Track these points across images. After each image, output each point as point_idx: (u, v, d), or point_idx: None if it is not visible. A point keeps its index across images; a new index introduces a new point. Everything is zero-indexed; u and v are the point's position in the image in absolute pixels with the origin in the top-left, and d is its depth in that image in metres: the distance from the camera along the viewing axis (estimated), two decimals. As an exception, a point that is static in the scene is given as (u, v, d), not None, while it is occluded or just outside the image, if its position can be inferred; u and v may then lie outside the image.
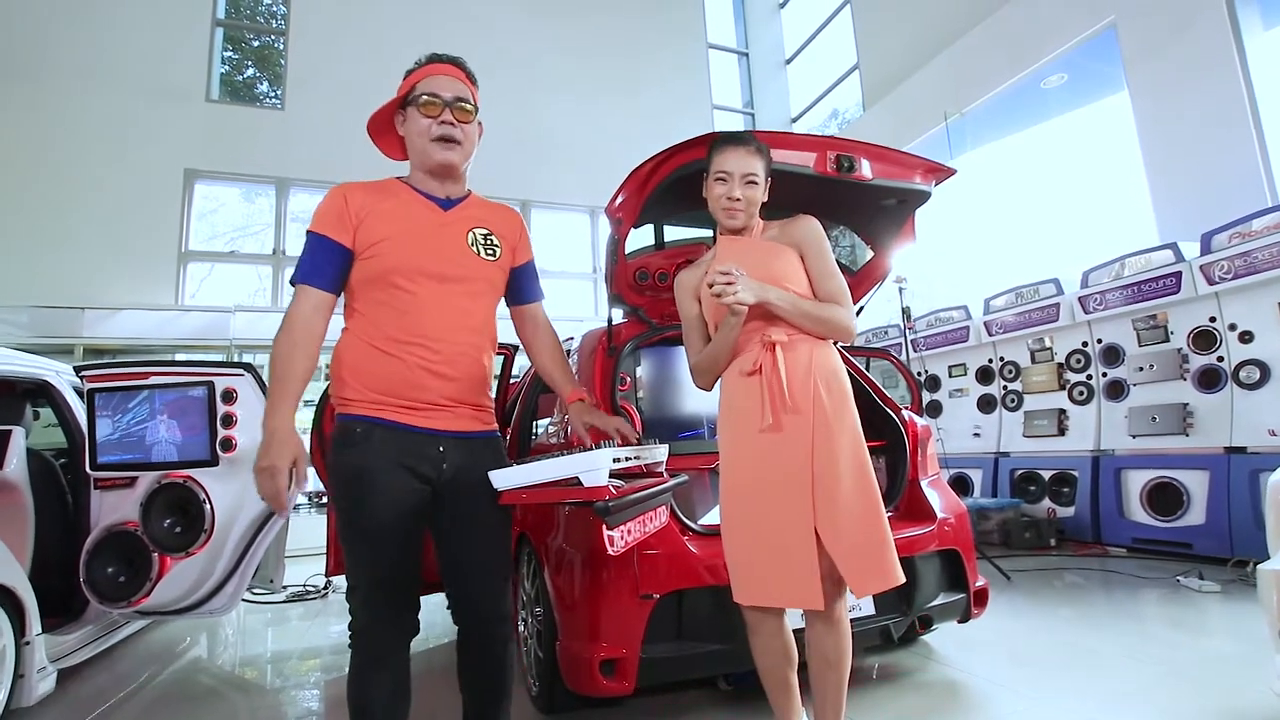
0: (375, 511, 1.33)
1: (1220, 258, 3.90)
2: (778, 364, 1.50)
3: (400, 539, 1.35)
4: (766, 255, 1.60)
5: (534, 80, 8.99)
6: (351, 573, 1.37)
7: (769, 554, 1.48)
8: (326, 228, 1.38)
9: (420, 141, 1.43)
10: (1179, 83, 4.88)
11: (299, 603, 4.25)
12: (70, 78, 7.23)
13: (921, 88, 7.34)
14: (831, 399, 1.52)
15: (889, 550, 1.47)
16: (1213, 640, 2.73)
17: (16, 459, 2.48)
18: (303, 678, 2.93)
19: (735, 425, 1.57)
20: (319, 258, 1.38)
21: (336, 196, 1.41)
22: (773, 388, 1.50)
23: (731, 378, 1.60)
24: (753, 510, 1.51)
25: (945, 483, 2.63)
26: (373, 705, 1.34)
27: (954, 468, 5.55)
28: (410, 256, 1.38)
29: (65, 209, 6.98)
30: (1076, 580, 3.79)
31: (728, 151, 1.60)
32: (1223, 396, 3.96)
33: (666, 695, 2.28)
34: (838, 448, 1.48)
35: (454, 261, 1.43)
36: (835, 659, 1.50)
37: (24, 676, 2.05)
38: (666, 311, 2.63)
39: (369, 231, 1.38)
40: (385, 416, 1.36)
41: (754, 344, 1.55)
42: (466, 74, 1.48)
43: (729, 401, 1.61)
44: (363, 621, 1.36)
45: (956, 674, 2.39)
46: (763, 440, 1.50)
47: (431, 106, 1.41)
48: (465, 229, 1.47)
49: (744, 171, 1.58)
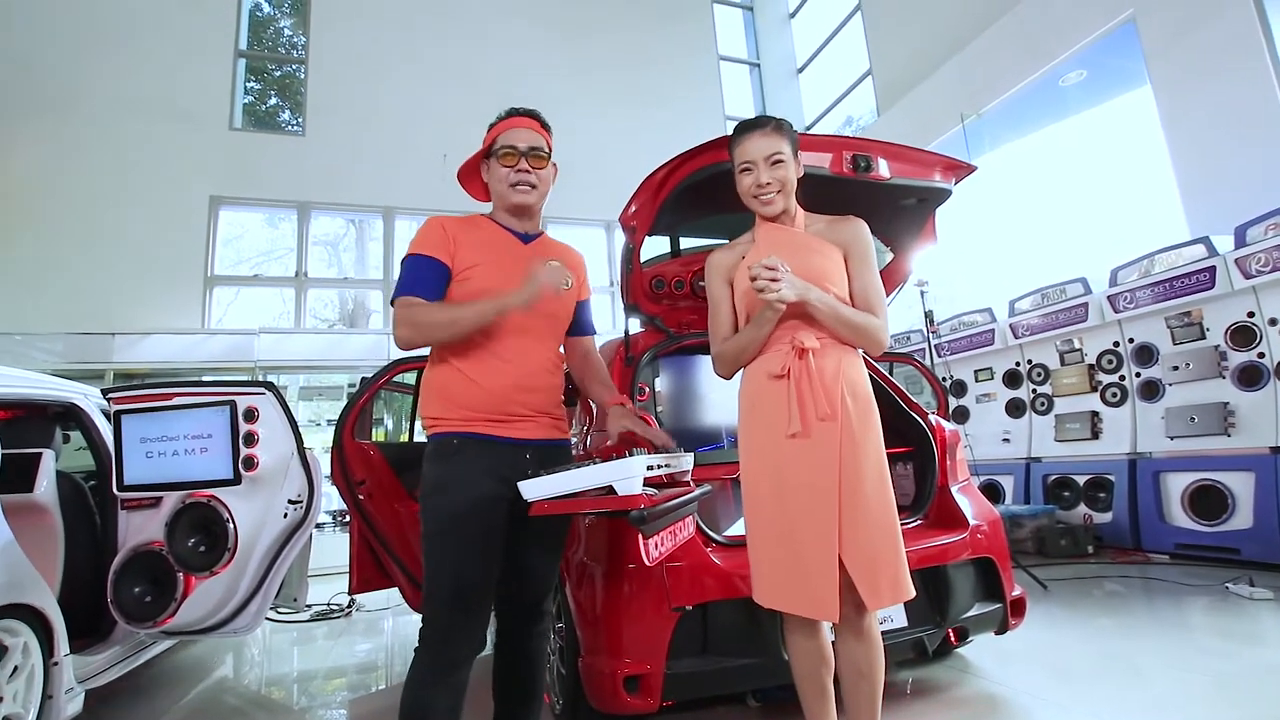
0: (465, 522, 1.43)
1: (1257, 250, 3.76)
2: (809, 369, 1.46)
3: (485, 550, 1.44)
4: (810, 250, 1.55)
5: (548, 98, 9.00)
6: (433, 580, 1.44)
7: (791, 561, 1.45)
8: (429, 249, 1.54)
9: (501, 186, 1.62)
10: (1204, 74, 4.76)
11: (323, 621, 4.26)
12: (99, 109, 7.49)
13: (936, 90, 7.27)
14: (858, 408, 1.48)
15: (903, 564, 1.45)
16: (1266, 650, 2.59)
17: (47, 481, 2.52)
18: (329, 697, 2.92)
19: (760, 429, 1.53)
20: (424, 274, 1.52)
21: (435, 225, 1.58)
22: (802, 393, 1.46)
23: (757, 379, 1.55)
24: (776, 516, 1.48)
25: (976, 489, 2.55)
26: (430, 716, 1.39)
27: (983, 474, 5.41)
28: (498, 282, 1.52)
29: (96, 237, 7.19)
30: (1117, 589, 3.64)
31: (745, 140, 1.57)
32: (1266, 394, 3.80)
33: (692, 712, 2.21)
34: (863, 458, 1.45)
35: None
36: (867, 670, 1.46)
37: (52, 697, 2.05)
38: (684, 320, 2.61)
39: (464, 257, 1.55)
40: (477, 430, 1.49)
41: (784, 346, 1.50)
42: (541, 124, 1.66)
43: (752, 404, 1.56)
44: (436, 630, 1.42)
45: (994, 687, 2.29)
46: (789, 446, 1.47)
47: (509, 157, 1.60)
48: (542, 261, 1.59)
49: (767, 153, 1.54)
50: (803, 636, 1.51)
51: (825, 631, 1.53)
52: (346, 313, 8.95)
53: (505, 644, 1.65)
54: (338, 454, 2.74)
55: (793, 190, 1.58)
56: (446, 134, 8.53)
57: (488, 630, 1.50)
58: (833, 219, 1.62)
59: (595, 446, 2.21)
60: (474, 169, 1.71)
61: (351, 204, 8.43)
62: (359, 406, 2.85)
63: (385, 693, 2.94)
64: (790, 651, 1.54)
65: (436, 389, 1.53)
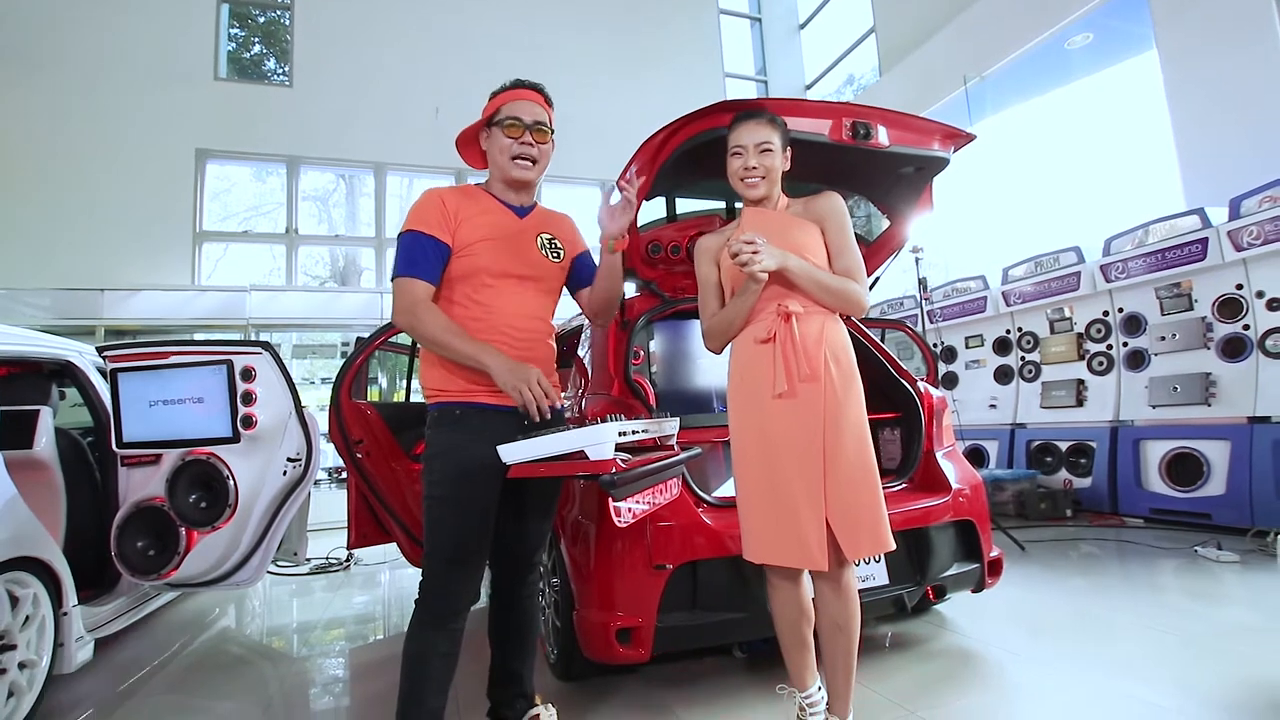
0: (464, 486, 1.50)
1: (1249, 223, 3.78)
2: (793, 332, 1.54)
3: (482, 512, 1.53)
4: (788, 226, 1.64)
5: (544, 53, 8.84)
6: (434, 538, 1.52)
7: (778, 515, 1.53)
8: (429, 227, 1.54)
9: (502, 158, 1.62)
10: (1211, 41, 4.68)
11: (322, 575, 4.36)
12: (81, 62, 7.25)
13: (940, 51, 7.12)
14: (840, 371, 1.57)
15: (881, 517, 1.53)
16: (1230, 610, 2.72)
17: (46, 438, 2.54)
18: (328, 646, 3.02)
19: (747, 391, 1.61)
20: (425, 253, 1.53)
21: (434, 199, 1.58)
22: (787, 355, 1.54)
23: (744, 345, 1.64)
24: (764, 473, 1.56)
25: (960, 454, 2.62)
26: (429, 659, 1.50)
27: (970, 439, 5.52)
28: (496, 259, 1.58)
29: (83, 192, 7.04)
30: (1092, 550, 3.78)
31: (740, 127, 1.66)
32: (1247, 365, 3.88)
33: (681, 663, 2.32)
34: (844, 418, 1.54)
35: (529, 263, 1.63)
36: (844, 623, 1.55)
37: (63, 645, 2.13)
38: (679, 285, 2.62)
39: (464, 234, 1.56)
40: (477, 400, 1.54)
41: (769, 313, 1.59)
42: (545, 99, 1.67)
43: (740, 368, 1.65)
44: (435, 584, 1.51)
45: (969, 642, 2.41)
46: (775, 406, 1.55)
47: (513, 129, 1.60)
48: (536, 234, 1.67)
49: (757, 141, 1.63)
50: (785, 591, 1.61)
51: (806, 586, 1.62)
52: (338, 270, 8.85)
53: (500, 596, 1.75)
54: (335, 414, 2.77)
55: (777, 179, 1.67)
56: (439, 88, 8.33)
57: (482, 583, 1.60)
58: (809, 198, 1.70)
59: (589, 408, 2.25)
60: (472, 137, 1.71)
61: (342, 159, 8.24)
62: (355, 367, 2.87)
63: (383, 643, 3.05)
64: (773, 605, 1.64)
65: (438, 360, 1.57)
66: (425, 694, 1.49)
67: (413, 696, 1.50)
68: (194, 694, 2.41)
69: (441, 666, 1.51)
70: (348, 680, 2.59)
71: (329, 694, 2.45)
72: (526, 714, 1.75)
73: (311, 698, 2.40)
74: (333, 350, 6.96)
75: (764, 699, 1.97)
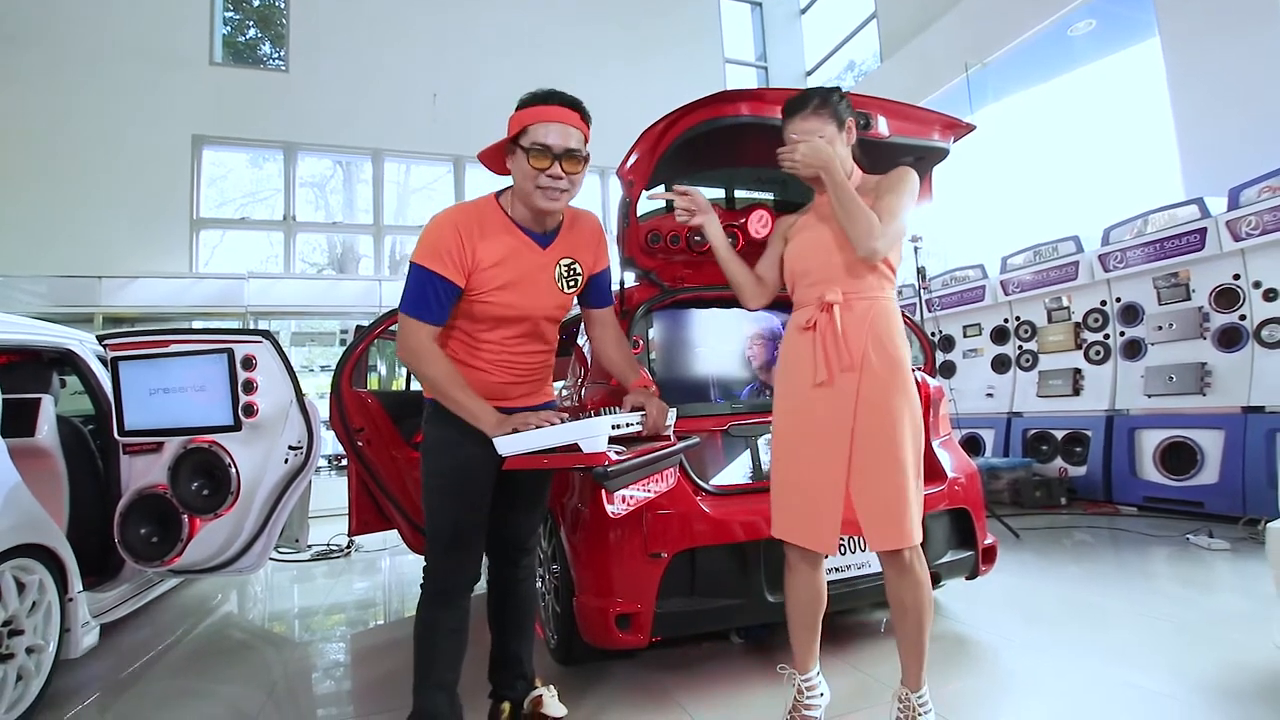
0: (461, 477, 1.56)
1: (1248, 213, 3.79)
2: (833, 321, 1.54)
3: (480, 496, 1.59)
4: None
5: (542, 35, 8.76)
6: (434, 524, 1.58)
7: (801, 497, 1.58)
8: (442, 267, 1.44)
9: (526, 185, 1.47)
10: (1213, 30, 4.65)
11: (323, 561, 4.40)
12: (76, 48, 7.16)
13: (941, 38, 7.06)
14: (880, 359, 1.53)
15: (908, 511, 1.51)
16: (1220, 597, 2.76)
17: (48, 425, 2.55)
18: (329, 631, 3.06)
19: (790, 377, 1.65)
20: (432, 295, 1.46)
21: (449, 232, 1.45)
22: (826, 345, 1.55)
23: (792, 331, 1.67)
24: (794, 456, 1.61)
25: (957, 443, 2.64)
26: (436, 635, 1.56)
27: (966, 428, 5.55)
28: (515, 305, 1.54)
29: (79, 178, 6.99)
30: (1085, 538, 3.82)
31: (790, 121, 1.62)
32: (1243, 356, 3.90)
33: (680, 648, 2.35)
34: (879, 407, 1.52)
35: (544, 304, 1.60)
36: (911, 604, 1.55)
37: (69, 630, 2.15)
38: (678, 274, 2.62)
39: (482, 279, 1.48)
40: None
41: (813, 302, 1.60)
42: (582, 115, 1.49)
43: (785, 354, 1.69)
44: (438, 565, 1.58)
45: (963, 628, 2.44)
46: (814, 394, 1.57)
47: (541, 159, 1.42)
48: (555, 263, 1.59)
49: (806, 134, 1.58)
50: (802, 574, 1.63)
51: (822, 573, 1.65)
52: (335, 257, 8.82)
53: (497, 582, 1.81)
54: (336, 402, 2.78)
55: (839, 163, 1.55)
56: (438, 74, 8.26)
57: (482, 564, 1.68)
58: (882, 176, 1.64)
59: (588, 398, 2.26)
60: (497, 155, 1.56)
61: (339, 145, 8.17)
62: (355, 356, 2.88)
63: (384, 628, 3.09)
64: (788, 586, 1.66)
65: None
66: (436, 668, 1.56)
67: (425, 671, 1.56)
68: (198, 678, 2.44)
69: (450, 641, 1.57)
70: (349, 665, 2.62)
71: (330, 678, 2.48)
72: (528, 696, 1.78)
73: (314, 682, 2.43)
74: (331, 338, 6.95)
75: (761, 683, 2.00)
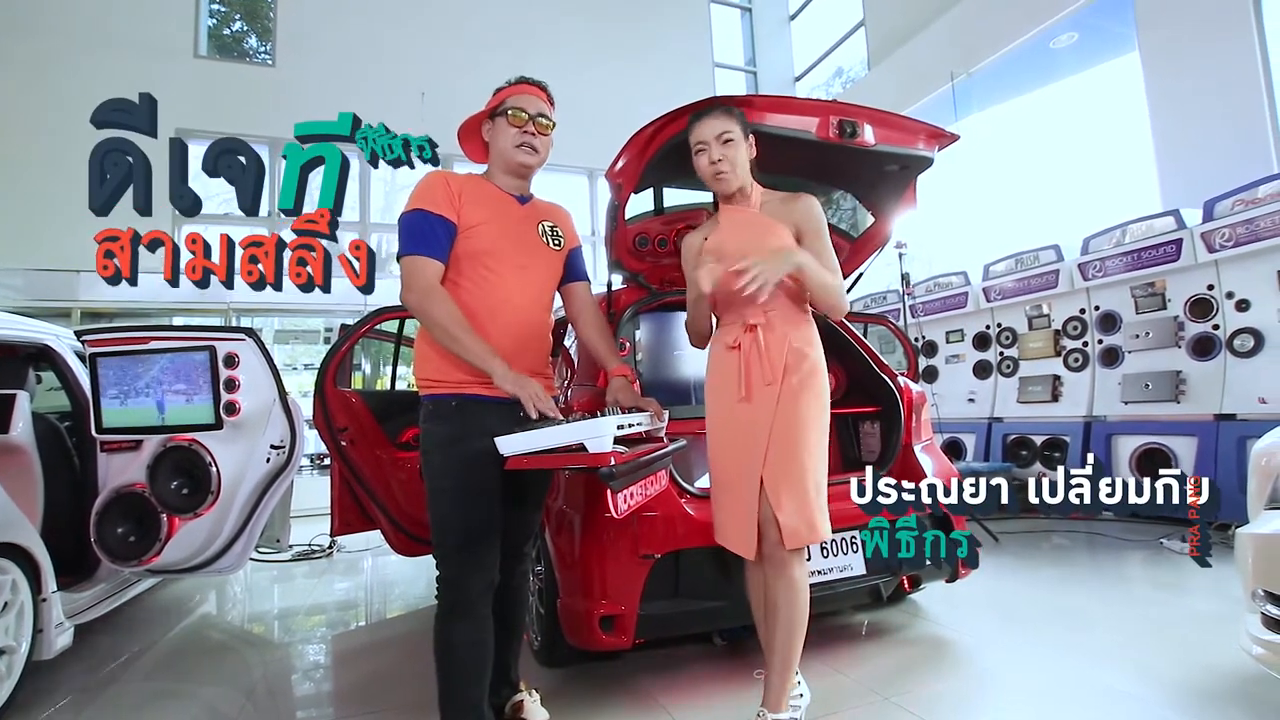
0: (469, 475, 1.53)
1: (1222, 225, 3.87)
2: (756, 343, 1.64)
3: (489, 498, 1.55)
4: (765, 231, 1.69)
5: (531, 34, 8.75)
6: (441, 531, 1.54)
7: (729, 505, 1.67)
8: (436, 205, 1.56)
9: (505, 145, 1.67)
10: (1191, 44, 4.76)
11: (304, 561, 4.36)
12: (60, 37, 7.03)
13: (928, 46, 7.15)
14: (799, 373, 1.64)
15: (810, 509, 1.58)
16: (1192, 600, 2.82)
17: (23, 422, 2.51)
18: (309, 633, 3.03)
19: (717, 392, 1.73)
20: (433, 231, 1.55)
21: (439, 180, 1.61)
22: (749, 363, 1.64)
23: (717, 349, 1.75)
24: (721, 467, 1.71)
25: (938, 448, 2.67)
26: (456, 649, 1.52)
27: (948, 432, 5.61)
28: (498, 241, 1.62)
29: (58, 171, 6.82)
30: (1063, 542, 3.88)
31: (697, 124, 1.72)
32: (1216, 364, 3.99)
33: (663, 649, 2.36)
34: (794, 416, 1.61)
35: (530, 250, 1.68)
36: (783, 604, 1.59)
37: (43, 631, 2.11)
38: (666, 277, 2.63)
39: (469, 214, 1.60)
40: (471, 391, 1.56)
41: (736, 323, 1.69)
42: (548, 95, 1.73)
43: (713, 370, 1.77)
44: (452, 572, 1.53)
45: (943, 630, 2.47)
46: (737, 408, 1.66)
47: (518, 118, 1.65)
48: (536, 221, 1.72)
49: (717, 132, 1.67)
50: (755, 575, 1.70)
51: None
52: (321, 255, 8.72)
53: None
54: (320, 402, 2.76)
55: (746, 169, 1.71)
56: (426, 71, 8.20)
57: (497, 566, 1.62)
58: (786, 196, 1.75)
59: (574, 399, 2.26)
60: (474, 128, 1.74)
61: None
62: (340, 355, 2.86)
63: (364, 629, 3.06)
64: (748, 586, 1.74)
65: (435, 353, 1.57)
66: (460, 684, 1.51)
67: (450, 692, 1.52)
68: (176, 680, 2.41)
69: (471, 655, 1.53)
70: (330, 666, 2.60)
71: (311, 680, 2.46)
72: (510, 700, 1.78)
73: (294, 683, 2.41)
74: (315, 336, 6.89)
75: (743, 685, 2.01)
